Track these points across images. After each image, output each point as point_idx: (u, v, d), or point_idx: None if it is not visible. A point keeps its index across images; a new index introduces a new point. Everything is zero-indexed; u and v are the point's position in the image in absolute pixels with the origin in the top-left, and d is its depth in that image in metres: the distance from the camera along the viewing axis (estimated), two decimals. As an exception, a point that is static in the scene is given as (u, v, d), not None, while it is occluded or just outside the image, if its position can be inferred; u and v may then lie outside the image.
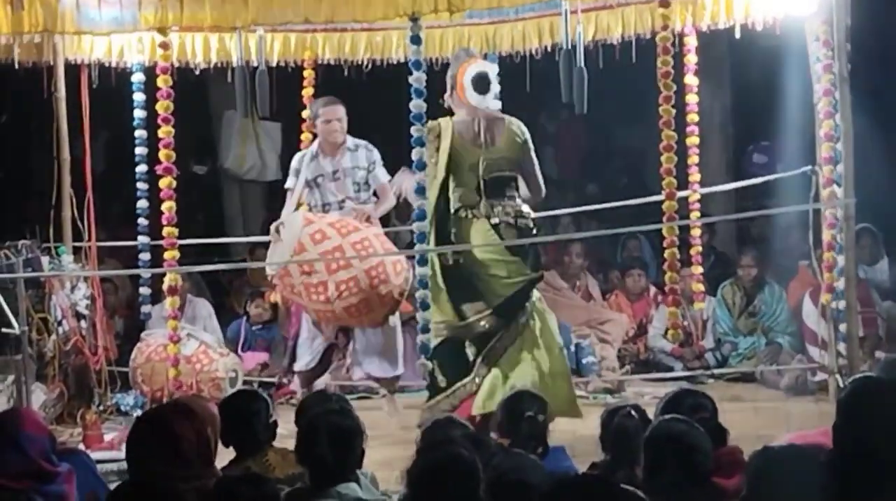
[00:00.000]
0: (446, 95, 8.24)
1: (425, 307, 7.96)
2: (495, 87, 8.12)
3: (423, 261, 8.03)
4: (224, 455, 5.45)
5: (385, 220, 11.84)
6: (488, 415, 7.16)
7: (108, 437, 8.13)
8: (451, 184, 8.05)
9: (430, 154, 7.98)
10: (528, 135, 8.18)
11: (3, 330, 8.47)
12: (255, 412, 5.69)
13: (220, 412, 5.59)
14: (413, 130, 7.95)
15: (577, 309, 10.64)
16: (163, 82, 8.70)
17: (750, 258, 10.80)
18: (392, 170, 8.80)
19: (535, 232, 8.15)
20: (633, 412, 5.45)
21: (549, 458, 5.54)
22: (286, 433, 5.68)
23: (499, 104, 8.30)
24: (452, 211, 8.05)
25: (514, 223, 8.03)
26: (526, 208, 8.10)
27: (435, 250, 8.01)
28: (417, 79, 7.96)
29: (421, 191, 7.95)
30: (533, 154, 8.20)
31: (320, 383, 9.21)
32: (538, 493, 4.34)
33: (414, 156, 7.95)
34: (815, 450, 4.58)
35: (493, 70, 8.23)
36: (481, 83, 8.05)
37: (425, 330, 7.95)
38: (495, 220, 7.97)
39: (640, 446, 4.84)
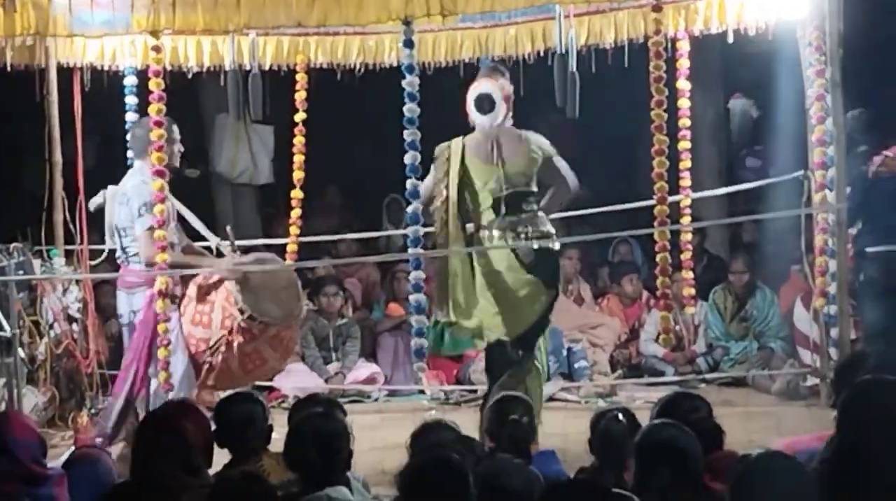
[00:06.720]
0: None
1: (419, 310, 7.95)
2: (501, 106, 7.84)
3: (417, 265, 8.02)
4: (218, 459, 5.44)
5: (377, 224, 11.87)
6: None
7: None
8: (467, 206, 7.82)
9: (440, 177, 7.80)
10: (546, 150, 7.86)
11: (-5, 333, 8.47)
12: (251, 415, 5.66)
13: (215, 415, 5.60)
14: (406, 134, 7.95)
15: (569, 313, 10.62)
16: (155, 85, 8.64)
17: (741, 263, 10.80)
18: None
19: (557, 250, 7.92)
20: (620, 415, 5.46)
21: (540, 462, 5.54)
22: (279, 437, 5.67)
23: (510, 121, 7.95)
24: (469, 232, 7.84)
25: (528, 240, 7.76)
26: (548, 227, 7.83)
27: (423, 254, 7.99)
28: (410, 83, 7.97)
29: (415, 194, 7.93)
30: (558, 162, 7.88)
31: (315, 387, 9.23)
32: (524, 498, 4.35)
33: (407, 160, 7.94)
34: (798, 458, 4.58)
35: (497, 89, 7.88)
36: (481, 104, 7.82)
37: (420, 333, 7.95)
38: (511, 238, 7.72)
39: (627, 449, 4.86)
